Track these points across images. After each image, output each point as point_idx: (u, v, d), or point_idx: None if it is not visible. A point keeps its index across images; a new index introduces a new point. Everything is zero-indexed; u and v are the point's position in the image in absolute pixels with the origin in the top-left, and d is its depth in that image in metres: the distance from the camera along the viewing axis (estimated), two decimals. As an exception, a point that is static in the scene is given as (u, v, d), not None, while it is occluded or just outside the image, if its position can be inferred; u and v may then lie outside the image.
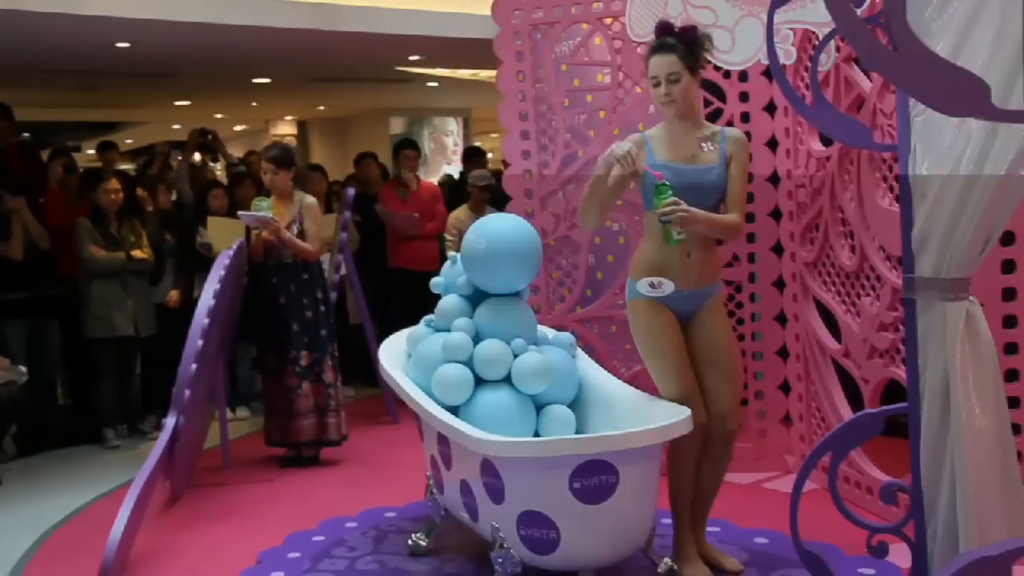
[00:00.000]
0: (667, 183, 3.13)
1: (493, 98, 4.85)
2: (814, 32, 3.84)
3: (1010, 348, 3.33)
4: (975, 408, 2.39)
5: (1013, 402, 2.96)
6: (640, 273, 3.30)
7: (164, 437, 4.14)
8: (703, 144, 3.27)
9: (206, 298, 4.52)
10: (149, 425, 6.00)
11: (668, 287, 3.26)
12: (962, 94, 1.87)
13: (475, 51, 7.10)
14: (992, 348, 2.48)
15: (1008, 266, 3.34)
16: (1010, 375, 3.25)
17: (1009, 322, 3.35)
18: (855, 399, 4.01)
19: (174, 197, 6.89)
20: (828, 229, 4.07)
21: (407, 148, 7.11)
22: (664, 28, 3.28)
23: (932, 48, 2.11)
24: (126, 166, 9.68)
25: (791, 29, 3.87)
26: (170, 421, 4.22)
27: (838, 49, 3.83)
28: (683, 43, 3.22)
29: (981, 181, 2.27)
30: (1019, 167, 2.01)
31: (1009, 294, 3.35)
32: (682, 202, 3.09)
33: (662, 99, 3.26)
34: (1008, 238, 3.24)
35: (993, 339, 2.51)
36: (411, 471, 4.46)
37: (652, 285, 3.27)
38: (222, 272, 4.64)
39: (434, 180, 9.49)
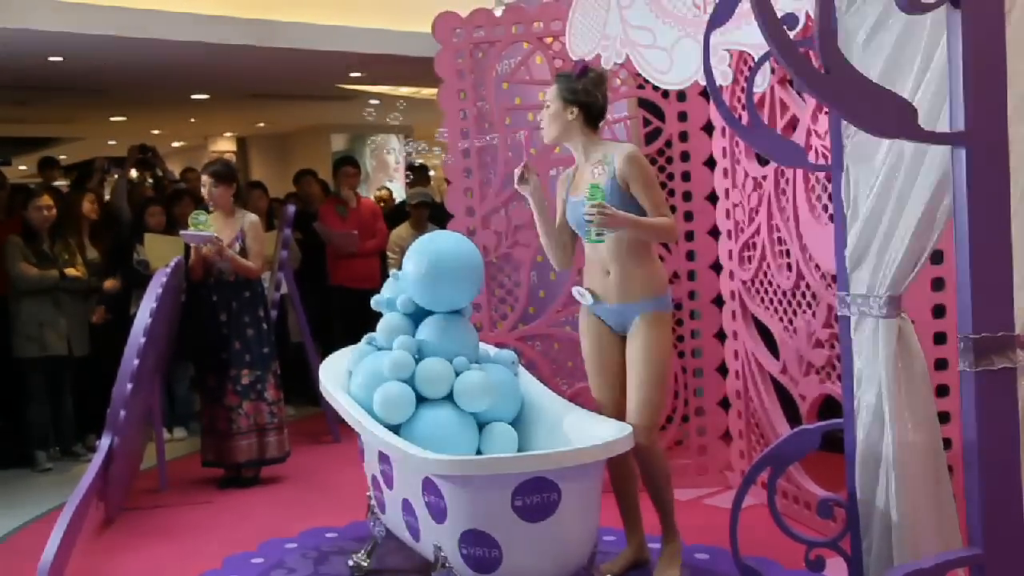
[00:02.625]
0: (598, 184, 3.22)
1: (435, 115, 4.85)
2: (750, 54, 3.92)
3: (940, 364, 3.40)
4: (907, 423, 2.44)
5: (944, 417, 3.03)
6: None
7: (98, 459, 4.05)
8: (594, 170, 3.37)
9: (142, 316, 4.44)
10: (83, 447, 5.86)
11: (588, 298, 3.44)
12: (890, 116, 1.91)
13: (416, 69, 7.11)
14: (923, 364, 2.53)
15: (938, 284, 3.42)
16: (941, 390, 3.32)
17: (939, 339, 3.43)
18: (793, 415, 4.08)
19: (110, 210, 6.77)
20: (765, 248, 4.14)
21: (346, 165, 7.08)
22: (576, 64, 3.48)
23: (863, 70, 2.16)
24: (62, 182, 9.47)
25: (727, 51, 3.94)
26: (105, 442, 4.12)
27: (773, 71, 3.91)
28: (569, 76, 3.41)
29: (911, 201, 2.32)
30: (947, 187, 2.07)
31: (939, 311, 3.43)
32: (609, 207, 3.18)
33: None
34: (938, 257, 3.32)
35: (924, 355, 2.57)
36: (352, 491, 4.42)
37: (579, 294, 3.47)
38: (159, 290, 4.56)
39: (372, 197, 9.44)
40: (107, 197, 7.32)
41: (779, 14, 2.07)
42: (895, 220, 2.38)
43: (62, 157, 14.52)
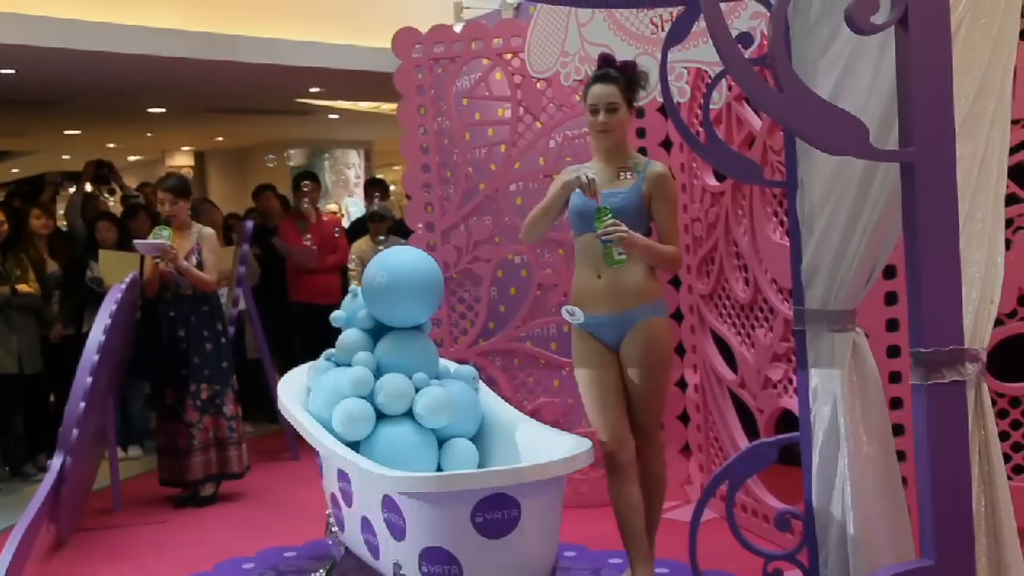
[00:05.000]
0: (606, 206, 3.17)
1: (395, 131, 4.85)
2: (707, 71, 3.96)
3: (894, 377, 3.45)
4: (862, 436, 2.47)
5: (898, 429, 3.07)
6: (571, 301, 3.38)
7: (49, 479, 3.98)
8: (621, 172, 3.32)
9: (96, 333, 4.37)
10: (33, 467, 5.75)
11: (579, 316, 3.31)
12: (842, 134, 1.94)
13: (376, 84, 7.10)
14: (877, 377, 2.56)
15: (891, 298, 3.47)
16: (895, 403, 3.37)
17: (893, 352, 3.48)
18: (752, 428, 4.11)
19: (64, 226, 6.67)
20: (723, 262, 4.18)
21: (306, 180, 7.03)
22: (606, 60, 3.36)
23: (816, 88, 2.19)
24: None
25: (684, 68, 3.99)
26: (56, 462, 4.05)
27: (730, 88, 3.95)
28: (624, 76, 3.31)
29: (863, 217, 2.36)
30: (898, 204, 2.10)
31: (892, 325, 3.49)
32: (621, 223, 3.13)
33: (599, 127, 3.30)
34: (890, 271, 3.37)
35: (878, 368, 2.60)
36: (311, 509, 4.37)
37: (569, 313, 3.34)
38: (113, 306, 4.50)
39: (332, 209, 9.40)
40: (60, 212, 7.21)
41: (734, 33, 2.10)
42: (848, 236, 2.42)
43: (14, 171, 14.28)
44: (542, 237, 3.54)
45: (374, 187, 7.97)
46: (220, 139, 13.00)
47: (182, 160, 14.12)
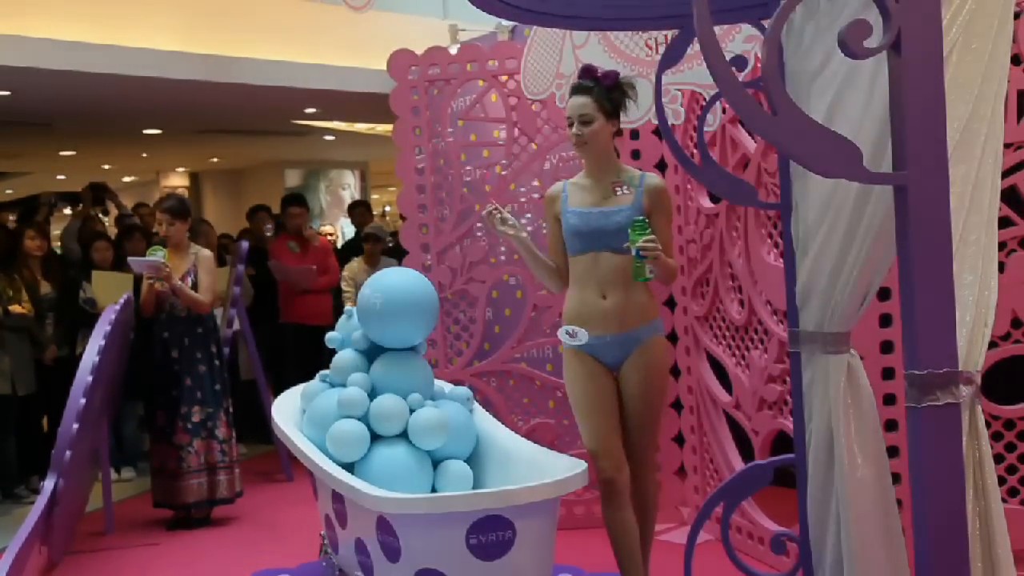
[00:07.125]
0: (644, 219, 3.11)
1: (390, 151, 4.86)
2: (701, 93, 3.99)
3: (888, 399, 3.45)
4: (857, 458, 2.47)
5: (893, 451, 3.07)
6: (565, 322, 3.32)
7: (42, 501, 3.95)
8: (616, 188, 3.26)
9: (90, 354, 4.36)
10: (25, 489, 5.71)
11: (583, 336, 3.24)
12: (836, 157, 1.95)
13: (372, 105, 7.13)
14: (872, 399, 2.56)
15: (885, 320, 3.48)
16: (889, 425, 3.37)
17: (888, 374, 3.49)
18: (747, 450, 4.10)
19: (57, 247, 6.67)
20: (718, 284, 4.19)
21: (292, 205, 6.99)
22: (585, 71, 3.30)
23: (809, 111, 2.21)
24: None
25: (679, 90, 4.01)
26: (49, 484, 4.03)
27: (724, 110, 3.98)
28: (600, 87, 3.24)
29: (857, 239, 2.37)
30: (892, 226, 2.11)
31: (887, 347, 3.49)
32: (657, 239, 3.07)
33: (573, 140, 3.26)
34: (885, 294, 3.38)
35: (873, 391, 2.60)
36: (305, 530, 4.35)
37: (569, 334, 3.27)
38: (107, 327, 4.49)
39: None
40: (55, 232, 7.22)
41: (729, 56, 2.11)
42: (842, 258, 2.42)
43: (8, 191, 14.28)
44: (564, 278, 3.39)
45: (357, 209, 8.03)
46: (215, 160, 13.03)
47: (177, 181, 14.14)
